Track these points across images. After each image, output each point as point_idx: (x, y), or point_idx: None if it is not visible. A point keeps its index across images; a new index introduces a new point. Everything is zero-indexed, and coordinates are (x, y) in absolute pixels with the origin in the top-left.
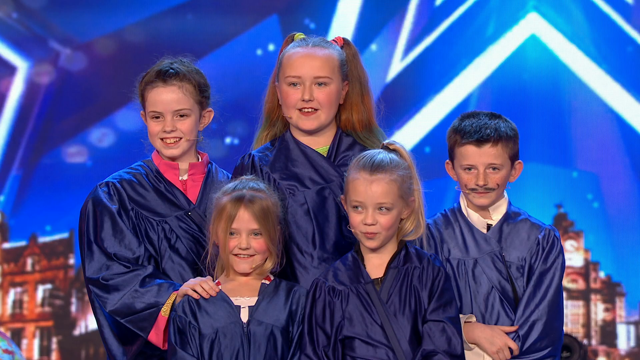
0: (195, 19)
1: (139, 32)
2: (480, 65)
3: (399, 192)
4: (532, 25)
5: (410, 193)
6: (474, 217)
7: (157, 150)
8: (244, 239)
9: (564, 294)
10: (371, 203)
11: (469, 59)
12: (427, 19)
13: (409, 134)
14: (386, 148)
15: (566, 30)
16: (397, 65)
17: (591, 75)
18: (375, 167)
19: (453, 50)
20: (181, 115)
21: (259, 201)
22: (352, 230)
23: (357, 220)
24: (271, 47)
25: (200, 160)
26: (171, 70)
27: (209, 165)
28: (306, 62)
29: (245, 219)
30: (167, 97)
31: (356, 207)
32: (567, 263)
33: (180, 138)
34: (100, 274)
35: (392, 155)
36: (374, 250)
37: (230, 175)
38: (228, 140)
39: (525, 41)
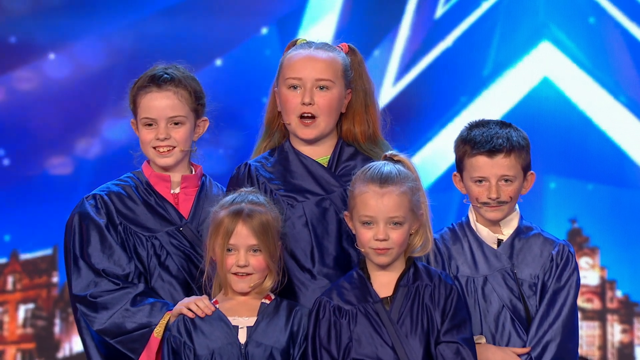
0: (188, 23)
1: (128, 37)
2: (483, 110)
3: (409, 205)
4: (544, 59)
5: (418, 206)
6: (484, 232)
7: (147, 161)
8: (242, 255)
9: (579, 314)
10: (383, 217)
11: (470, 97)
12: (424, 38)
13: None
14: (390, 159)
15: (582, 60)
16: (388, 90)
17: (607, 113)
18: (384, 180)
19: (453, 82)
20: (175, 123)
21: (258, 215)
22: (361, 249)
23: (368, 236)
24: (268, 53)
25: (193, 172)
26: (166, 75)
27: (203, 178)
28: (308, 64)
29: (243, 235)
30: (161, 102)
31: (366, 222)
32: (582, 281)
33: (174, 147)
34: (87, 291)
35: (399, 167)
36: (382, 267)
37: (225, 189)
38: (221, 151)
39: (537, 85)
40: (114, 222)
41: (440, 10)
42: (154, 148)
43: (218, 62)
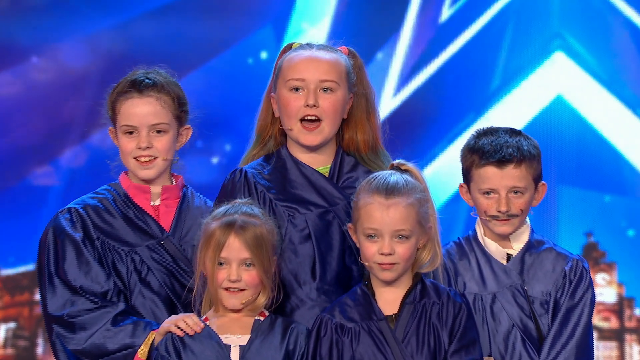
0: (178, 24)
1: (115, 39)
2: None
3: (416, 218)
4: (558, 72)
5: (427, 218)
6: (492, 246)
7: (125, 173)
8: (234, 269)
9: (595, 334)
10: (388, 230)
11: (477, 113)
12: (427, 43)
13: None
14: (397, 168)
15: (599, 72)
16: (388, 101)
17: (626, 131)
18: (390, 190)
19: (458, 95)
20: (158, 131)
21: (252, 228)
22: (366, 263)
23: (372, 250)
24: (264, 55)
25: (174, 183)
26: (147, 81)
27: (185, 188)
28: (311, 65)
29: (235, 247)
30: (143, 109)
31: (371, 235)
32: (599, 299)
33: (156, 157)
34: (64, 311)
35: (407, 177)
36: (387, 283)
37: (207, 200)
38: (215, 160)
39: (550, 104)
40: (91, 237)
41: (445, 14)
42: (135, 158)
43: (211, 64)
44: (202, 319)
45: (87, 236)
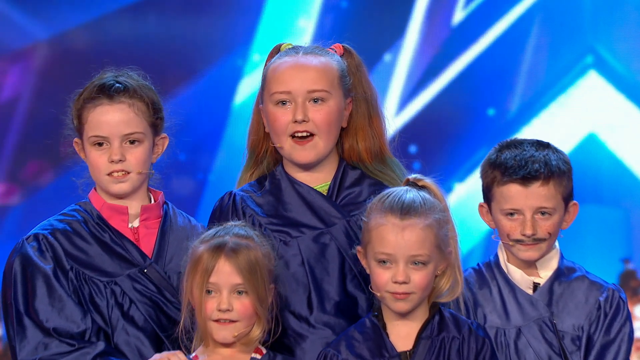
0: (159, 21)
1: (86, 37)
2: None
3: (435, 241)
4: (591, 100)
5: (446, 242)
6: (517, 274)
7: (95, 189)
8: (224, 297)
9: None
10: (403, 255)
11: (490, 142)
12: (437, 50)
13: None
14: (413, 184)
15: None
16: (391, 118)
17: None
18: (406, 210)
19: (472, 120)
20: (131, 142)
21: (245, 251)
22: (377, 293)
23: (385, 278)
24: (256, 58)
25: (153, 200)
26: (118, 85)
27: (165, 206)
28: (297, 74)
29: (225, 272)
30: (115, 117)
31: (383, 261)
32: (637, 334)
33: (129, 172)
34: (36, 356)
35: (424, 194)
36: (401, 315)
37: (191, 219)
38: (200, 176)
39: (581, 143)
40: (64, 268)
41: (459, 15)
42: (109, 174)
43: (203, 69)
44: (191, 356)
45: (59, 267)
